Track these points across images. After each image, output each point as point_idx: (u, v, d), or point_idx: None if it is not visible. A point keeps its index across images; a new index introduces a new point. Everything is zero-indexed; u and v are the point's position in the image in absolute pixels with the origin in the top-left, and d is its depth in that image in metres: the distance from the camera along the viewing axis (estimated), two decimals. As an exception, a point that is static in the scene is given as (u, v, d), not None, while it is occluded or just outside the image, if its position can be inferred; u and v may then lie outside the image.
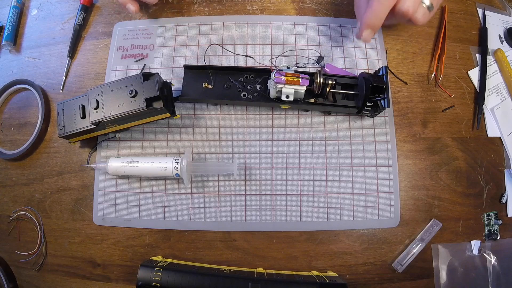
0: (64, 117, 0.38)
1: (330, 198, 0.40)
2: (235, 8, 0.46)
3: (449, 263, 0.39)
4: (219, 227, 0.39)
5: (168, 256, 0.39)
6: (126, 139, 0.42)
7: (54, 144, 0.43)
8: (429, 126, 0.43)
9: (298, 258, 0.39)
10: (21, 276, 0.41)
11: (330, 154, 0.41)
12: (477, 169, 0.42)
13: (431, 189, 0.41)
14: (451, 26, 0.46)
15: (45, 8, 0.49)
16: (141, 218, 0.40)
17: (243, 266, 0.38)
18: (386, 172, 0.40)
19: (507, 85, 0.46)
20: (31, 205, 0.41)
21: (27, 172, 0.43)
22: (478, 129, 0.43)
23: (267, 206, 0.39)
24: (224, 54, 0.44)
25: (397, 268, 0.38)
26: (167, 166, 0.37)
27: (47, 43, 0.47)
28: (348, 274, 0.39)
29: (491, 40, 0.47)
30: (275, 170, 0.40)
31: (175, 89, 0.41)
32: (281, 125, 0.41)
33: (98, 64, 0.45)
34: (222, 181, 0.40)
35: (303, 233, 0.39)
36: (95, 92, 0.37)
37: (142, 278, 0.34)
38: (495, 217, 0.41)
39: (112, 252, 0.40)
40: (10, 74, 0.46)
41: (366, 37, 0.38)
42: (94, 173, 0.41)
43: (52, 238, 0.41)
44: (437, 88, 0.44)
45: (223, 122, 0.42)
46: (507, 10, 0.50)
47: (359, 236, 0.39)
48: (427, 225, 0.40)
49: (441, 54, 0.44)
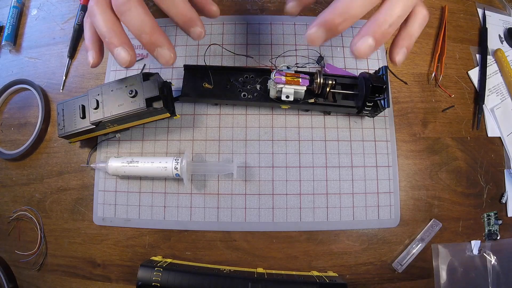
0: (64, 117, 0.38)
1: (330, 198, 0.40)
2: (235, 8, 0.46)
3: (449, 263, 0.39)
4: (219, 227, 0.39)
5: (168, 256, 0.39)
6: (126, 139, 0.42)
7: (54, 144, 0.43)
8: (429, 126, 0.43)
9: (298, 258, 0.39)
10: (21, 276, 0.41)
11: (330, 154, 0.41)
12: (477, 169, 0.42)
13: (431, 189, 0.41)
14: (451, 26, 0.46)
15: (45, 8, 0.49)
16: (141, 218, 0.40)
17: (243, 266, 0.38)
18: (386, 172, 0.40)
19: (507, 85, 0.46)
20: (31, 205, 0.41)
21: (27, 172, 0.43)
22: (478, 129, 0.43)
23: (267, 206, 0.39)
24: (224, 54, 0.44)
25: (397, 268, 0.38)
26: (167, 166, 0.37)
27: (47, 43, 0.47)
28: (348, 274, 0.39)
29: (491, 40, 0.47)
30: (275, 170, 0.40)
31: (175, 89, 0.41)
32: (281, 125, 0.41)
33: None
34: (222, 181, 0.40)
35: (303, 233, 0.39)
36: (95, 92, 0.37)
37: (142, 278, 0.34)
38: (495, 217, 0.41)
39: (112, 252, 0.40)
40: (10, 74, 0.46)
41: (313, 37, 0.25)
42: (94, 173, 0.41)
43: (52, 238, 0.41)
44: (437, 88, 0.44)
45: (223, 122, 0.42)
46: (507, 10, 0.50)
47: (359, 236, 0.39)
48: (427, 225, 0.40)
49: (441, 54, 0.44)
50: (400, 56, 0.29)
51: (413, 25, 0.29)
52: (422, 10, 0.29)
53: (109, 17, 0.29)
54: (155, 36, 0.28)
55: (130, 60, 0.29)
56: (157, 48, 0.28)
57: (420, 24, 0.30)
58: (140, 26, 0.27)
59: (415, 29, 0.29)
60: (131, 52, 0.29)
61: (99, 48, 0.32)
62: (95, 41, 0.31)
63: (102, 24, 0.28)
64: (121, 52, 0.28)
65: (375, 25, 0.26)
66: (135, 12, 0.27)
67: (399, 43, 0.30)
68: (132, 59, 0.29)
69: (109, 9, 0.29)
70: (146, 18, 0.27)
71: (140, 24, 0.27)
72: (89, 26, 0.32)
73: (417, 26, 0.29)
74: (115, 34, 0.28)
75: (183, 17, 0.29)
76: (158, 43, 0.28)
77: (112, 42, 0.28)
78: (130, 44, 0.29)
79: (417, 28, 0.29)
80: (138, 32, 0.28)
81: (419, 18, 0.29)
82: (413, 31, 0.29)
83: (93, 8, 0.29)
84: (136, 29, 0.28)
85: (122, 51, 0.28)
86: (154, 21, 0.28)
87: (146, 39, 0.28)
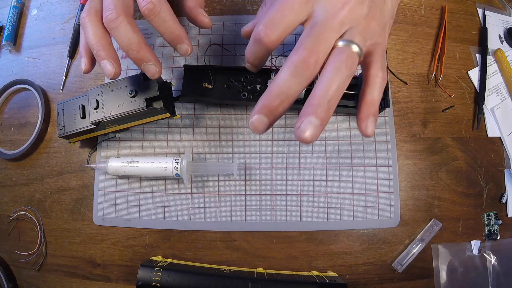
0: (64, 117, 0.38)
1: (330, 198, 0.40)
2: (235, 8, 0.46)
3: (449, 263, 0.39)
4: (219, 227, 0.39)
5: (168, 256, 0.39)
6: (126, 139, 0.42)
7: (54, 144, 0.43)
8: (429, 126, 0.43)
9: (298, 258, 0.39)
10: (21, 276, 0.41)
11: (330, 154, 0.41)
12: (477, 169, 0.42)
13: (431, 189, 0.41)
14: (451, 26, 0.46)
15: (45, 8, 0.49)
16: (141, 218, 0.40)
17: (243, 266, 0.38)
18: (386, 172, 0.40)
19: (507, 85, 0.46)
20: (31, 205, 0.41)
21: (27, 172, 0.43)
22: (478, 129, 0.43)
23: (267, 206, 0.39)
24: (224, 54, 0.44)
25: (397, 268, 0.38)
26: (167, 166, 0.37)
27: (47, 43, 0.47)
28: (348, 274, 0.39)
29: (491, 40, 0.47)
30: (275, 170, 0.40)
31: (175, 89, 0.41)
32: (281, 125, 0.41)
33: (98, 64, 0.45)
34: (222, 181, 0.40)
35: (303, 233, 0.39)
36: (95, 92, 0.37)
37: (142, 278, 0.34)
38: (495, 217, 0.41)
39: (112, 252, 0.40)
40: (10, 74, 0.46)
41: (256, 124, 0.24)
42: (94, 173, 0.41)
43: (52, 238, 0.41)
44: (437, 88, 0.44)
45: (223, 122, 0.42)
46: (507, 10, 0.50)
47: (359, 236, 0.39)
48: (427, 225, 0.40)
49: (441, 54, 0.44)
50: (370, 127, 0.27)
51: (372, 92, 0.27)
52: (378, 73, 0.27)
53: (99, 30, 0.30)
54: (141, 52, 0.30)
55: (114, 73, 0.30)
56: (144, 64, 0.30)
57: (380, 88, 0.27)
58: (128, 43, 0.29)
59: (376, 95, 0.27)
60: (116, 66, 0.30)
61: (91, 56, 0.32)
62: (87, 49, 0.32)
63: (92, 37, 0.30)
64: (107, 65, 0.30)
65: (314, 105, 0.24)
66: (123, 29, 0.29)
67: (364, 114, 0.27)
68: (117, 72, 0.30)
69: (99, 22, 0.30)
70: (134, 36, 0.29)
71: (128, 41, 0.29)
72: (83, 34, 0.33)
73: (377, 92, 0.27)
74: (103, 48, 0.30)
75: (171, 34, 0.31)
76: (144, 59, 0.30)
77: (100, 55, 0.30)
78: (117, 58, 0.31)
79: (377, 94, 0.27)
80: (126, 48, 0.30)
81: (377, 83, 0.27)
82: (374, 98, 0.27)
83: (84, 20, 0.31)
84: (124, 45, 0.30)
85: (108, 64, 0.30)
86: (142, 38, 0.30)
87: (134, 55, 0.30)
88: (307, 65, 0.24)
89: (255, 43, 0.27)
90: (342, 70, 0.24)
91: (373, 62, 0.28)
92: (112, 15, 0.29)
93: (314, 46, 0.24)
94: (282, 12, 0.26)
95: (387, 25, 0.30)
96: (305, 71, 0.24)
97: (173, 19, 0.31)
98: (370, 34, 0.27)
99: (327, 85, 0.24)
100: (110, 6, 0.29)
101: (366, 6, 0.26)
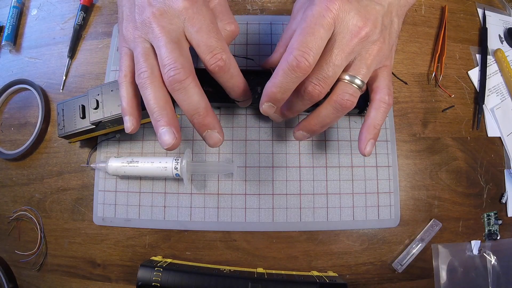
0: (64, 117, 0.38)
1: (330, 198, 0.40)
2: (235, 8, 0.46)
3: (449, 263, 0.39)
4: (219, 227, 0.39)
5: (168, 256, 0.39)
6: (126, 139, 0.42)
7: (54, 144, 0.43)
8: (429, 126, 0.43)
9: (298, 258, 0.39)
10: (21, 276, 0.41)
11: (330, 154, 0.41)
12: (477, 169, 0.42)
13: (431, 189, 0.41)
14: (451, 26, 0.46)
15: (45, 8, 0.49)
16: (141, 218, 0.40)
17: (243, 266, 0.38)
18: (386, 172, 0.40)
19: (507, 85, 0.46)
20: (31, 205, 0.41)
21: (27, 172, 0.43)
22: (478, 129, 0.43)
23: (267, 206, 0.39)
24: (224, 54, 0.43)
25: (397, 268, 0.38)
26: (167, 166, 0.37)
27: (47, 43, 0.47)
28: (348, 274, 0.39)
29: (491, 40, 0.47)
30: (275, 170, 0.40)
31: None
32: (281, 125, 0.41)
33: (98, 64, 0.45)
34: (222, 181, 0.40)
35: (303, 233, 0.39)
36: (95, 92, 0.37)
37: (142, 278, 0.34)
38: (495, 217, 0.41)
39: (112, 252, 0.40)
40: (10, 74, 0.46)
41: (266, 110, 0.29)
42: (94, 173, 0.41)
43: (52, 238, 0.41)
44: (437, 88, 0.44)
45: (223, 122, 0.42)
46: (507, 10, 0.50)
47: (359, 236, 0.39)
48: (427, 225, 0.40)
49: (441, 54, 0.44)
50: (368, 148, 0.30)
51: (377, 116, 0.29)
52: (384, 99, 0.29)
53: (162, 94, 0.27)
54: (208, 119, 0.27)
55: (173, 144, 0.26)
56: (208, 130, 0.28)
57: (384, 113, 0.29)
58: (195, 107, 0.26)
59: (379, 119, 0.29)
60: (177, 135, 0.27)
61: (138, 115, 0.30)
62: (134, 107, 0.29)
63: (153, 101, 0.26)
64: (166, 134, 0.26)
65: (308, 126, 0.31)
66: (192, 92, 0.26)
67: (365, 136, 0.30)
68: (176, 143, 0.27)
69: (162, 84, 0.27)
70: (202, 100, 0.27)
71: (195, 106, 0.26)
72: (128, 87, 0.30)
73: (381, 117, 0.29)
74: (166, 114, 0.26)
75: (238, 89, 0.31)
76: (209, 126, 0.28)
77: (159, 120, 0.26)
78: (178, 127, 0.27)
79: (381, 118, 0.29)
80: (191, 112, 0.27)
81: (382, 107, 0.29)
82: (377, 122, 0.29)
83: (145, 81, 0.27)
84: (189, 109, 0.27)
85: (168, 133, 0.26)
86: (208, 103, 0.27)
87: (199, 120, 0.27)
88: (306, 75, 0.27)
89: (290, 72, 0.25)
90: (340, 111, 0.28)
91: (380, 88, 0.29)
92: (180, 75, 0.25)
93: (324, 75, 0.26)
94: (312, 34, 0.24)
95: (394, 46, 0.31)
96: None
97: (240, 73, 0.29)
98: (377, 62, 0.28)
99: (324, 121, 0.30)
100: (176, 65, 0.25)
101: (378, 31, 0.26)
